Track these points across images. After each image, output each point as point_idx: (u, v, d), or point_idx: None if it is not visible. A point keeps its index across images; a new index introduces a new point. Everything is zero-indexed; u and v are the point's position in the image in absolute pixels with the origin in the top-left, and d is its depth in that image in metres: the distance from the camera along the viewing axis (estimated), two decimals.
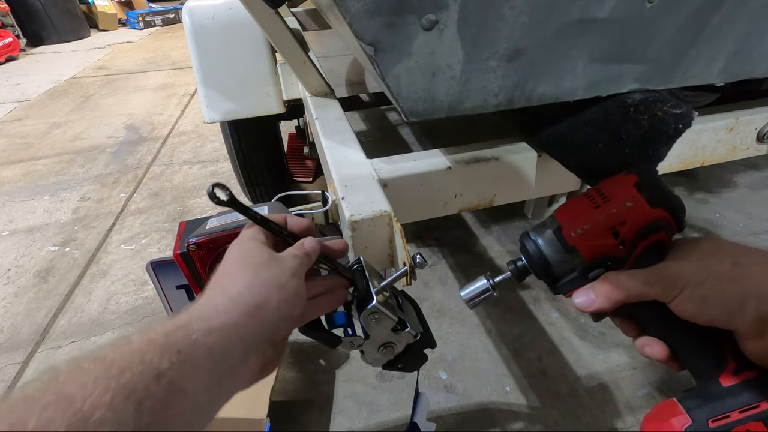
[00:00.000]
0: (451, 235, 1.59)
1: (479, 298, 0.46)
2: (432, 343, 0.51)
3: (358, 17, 0.51)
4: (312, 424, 1.02)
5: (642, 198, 0.39)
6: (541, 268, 0.43)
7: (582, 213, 0.41)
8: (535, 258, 0.43)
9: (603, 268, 0.40)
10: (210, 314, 0.32)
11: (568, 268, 0.42)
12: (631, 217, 0.38)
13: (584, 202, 0.41)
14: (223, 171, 2.13)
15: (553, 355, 1.14)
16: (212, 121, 1.23)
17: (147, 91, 3.39)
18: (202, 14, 1.11)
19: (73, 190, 2.08)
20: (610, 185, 0.41)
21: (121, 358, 0.26)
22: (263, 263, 0.38)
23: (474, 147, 0.83)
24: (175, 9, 5.99)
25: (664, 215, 0.38)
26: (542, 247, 0.42)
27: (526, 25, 0.56)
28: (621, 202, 0.39)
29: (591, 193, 0.42)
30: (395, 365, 0.51)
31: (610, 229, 0.39)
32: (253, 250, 0.39)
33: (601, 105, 0.71)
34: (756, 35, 0.68)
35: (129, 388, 0.25)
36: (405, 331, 0.47)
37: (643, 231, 0.38)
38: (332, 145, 0.83)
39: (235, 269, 0.38)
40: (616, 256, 0.39)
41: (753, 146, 0.92)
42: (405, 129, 2.23)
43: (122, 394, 0.25)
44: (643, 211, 0.38)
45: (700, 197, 1.72)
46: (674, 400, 0.36)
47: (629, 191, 0.39)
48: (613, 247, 0.39)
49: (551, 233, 0.42)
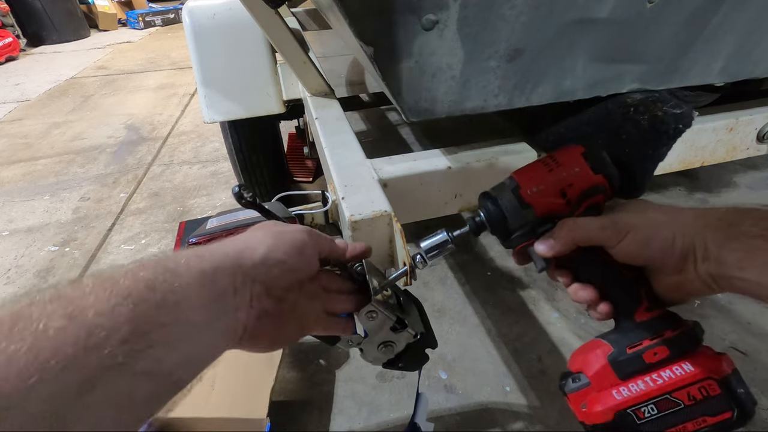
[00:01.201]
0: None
1: (438, 249, 0.50)
2: (433, 343, 0.51)
3: (358, 17, 0.51)
4: (312, 424, 1.02)
5: (587, 165, 0.46)
6: (498, 222, 0.48)
7: (537, 175, 0.47)
8: (493, 213, 0.48)
9: (551, 224, 0.46)
10: (204, 247, 0.34)
11: (522, 223, 0.47)
12: (577, 181, 0.45)
13: (539, 166, 0.48)
14: (223, 171, 2.13)
15: (553, 355, 1.14)
16: (212, 121, 1.24)
17: (147, 91, 3.39)
18: (202, 14, 1.11)
19: (73, 190, 2.08)
20: (562, 154, 0.48)
21: (117, 273, 0.27)
22: (272, 225, 0.41)
23: (474, 147, 0.83)
24: (175, 9, 5.99)
25: (603, 181, 0.45)
26: (501, 203, 0.48)
27: (526, 25, 0.56)
28: (570, 167, 0.46)
29: (546, 159, 0.48)
30: (395, 364, 0.51)
31: (559, 190, 0.46)
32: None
33: (601, 105, 0.71)
34: (756, 35, 0.68)
35: (125, 292, 0.26)
36: (404, 330, 0.47)
37: (586, 193, 0.45)
38: (332, 145, 0.83)
39: None
40: (562, 214, 0.46)
41: (753, 146, 0.92)
42: (405, 129, 2.23)
43: (119, 294, 0.26)
44: (587, 176, 0.45)
45: (700, 197, 1.71)
46: (597, 338, 0.44)
47: (577, 159, 0.46)
48: (561, 206, 0.46)
49: (510, 191, 0.48)
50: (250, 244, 0.36)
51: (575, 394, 0.42)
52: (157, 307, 0.27)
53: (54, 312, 0.23)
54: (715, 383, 0.38)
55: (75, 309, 0.24)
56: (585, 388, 0.42)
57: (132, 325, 0.25)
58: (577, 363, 0.44)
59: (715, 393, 0.37)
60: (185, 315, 0.28)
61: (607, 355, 0.41)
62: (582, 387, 0.42)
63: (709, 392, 0.37)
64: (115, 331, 0.24)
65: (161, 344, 0.26)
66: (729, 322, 1.19)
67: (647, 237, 0.41)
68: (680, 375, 0.39)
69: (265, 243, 0.37)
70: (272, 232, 0.39)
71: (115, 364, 0.24)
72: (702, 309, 1.23)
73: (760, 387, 1.03)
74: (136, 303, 0.26)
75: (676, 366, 0.39)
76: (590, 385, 0.41)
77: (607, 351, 0.41)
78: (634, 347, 0.41)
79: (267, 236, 0.38)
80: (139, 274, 0.27)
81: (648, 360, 0.40)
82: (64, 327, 0.23)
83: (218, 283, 0.32)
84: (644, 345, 0.40)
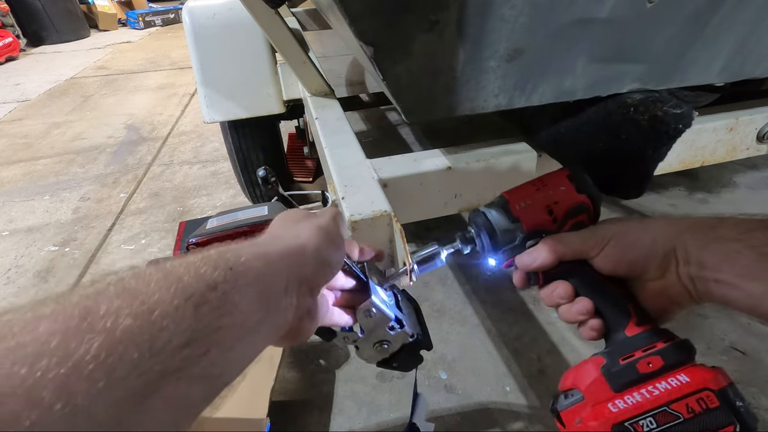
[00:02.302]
0: (451, 235, 1.59)
1: (428, 263, 0.52)
2: (428, 345, 0.51)
3: (358, 17, 0.51)
4: (312, 424, 1.02)
5: (572, 185, 0.49)
6: (487, 235, 0.50)
7: (526, 193, 0.50)
8: (483, 226, 0.51)
9: (538, 239, 0.48)
10: (256, 243, 0.34)
11: (511, 238, 0.50)
12: (562, 199, 0.48)
13: (528, 186, 0.51)
14: (223, 171, 2.13)
15: (553, 355, 1.14)
16: (212, 121, 1.24)
17: (147, 91, 3.39)
18: (202, 14, 1.11)
19: (73, 190, 2.08)
20: (549, 176, 0.51)
21: (179, 267, 0.27)
22: (303, 216, 0.41)
23: (474, 147, 0.83)
24: (175, 9, 5.99)
25: (587, 201, 0.48)
26: (490, 216, 0.50)
27: (526, 25, 0.56)
28: (556, 186, 0.49)
29: (534, 181, 0.51)
30: (390, 363, 0.51)
31: (546, 207, 0.48)
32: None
33: (601, 105, 0.71)
34: (756, 35, 0.68)
35: (188, 291, 0.25)
36: (401, 330, 0.47)
37: (571, 211, 0.48)
38: (332, 145, 0.83)
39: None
40: (549, 230, 0.49)
41: (753, 146, 0.92)
42: (405, 129, 2.23)
43: (182, 295, 0.25)
44: (572, 195, 0.48)
45: (700, 197, 1.71)
46: (591, 356, 0.44)
47: (563, 179, 0.49)
48: (548, 222, 0.49)
49: (499, 207, 0.50)
50: (302, 241, 0.37)
51: (568, 411, 0.41)
52: (217, 310, 0.26)
53: (121, 309, 0.23)
54: (713, 395, 0.36)
55: (139, 306, 0.23)
56: (579, 404, 0.40)
57: (193, 329, 0.25)
58: (569, 380, 0.43)
59: (713, 405, 0.36)
60: (242, 318, 0.28)
61: (600, 367, 0.40)
62: (576, 402, 0.40)
63: (708, 404, 0.36)
64: (177, 336, 0.24)
65: (217, 348, 0.26)
66: (729, 322, 1.19)
67: (628, 242, 0.43)
68: (676, 386, 0.37)
69: (312, 241, 0.37)
70: (316, 229, 0.39)
71: (175, 369, 0.23)
72: (702, 309, 1.23)
73: (760, 387, 1.03)
74: (197, 305, 0.25)
75: (671, 377, 0.38)
76: (584, 400, 0.40)
77: (600, 363, 0.41)
78: (627, 358, 0.40)
79: (312, 233, 0.38)
80: (201, 270, 0.27)
81: (642, 370, 0.39)
82: (130, 327, 0.22)
83: (274, 286, 0.32)
84: (637, 356, 0.40)
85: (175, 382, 0.23)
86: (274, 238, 0.37)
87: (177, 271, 0.26)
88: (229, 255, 0.30)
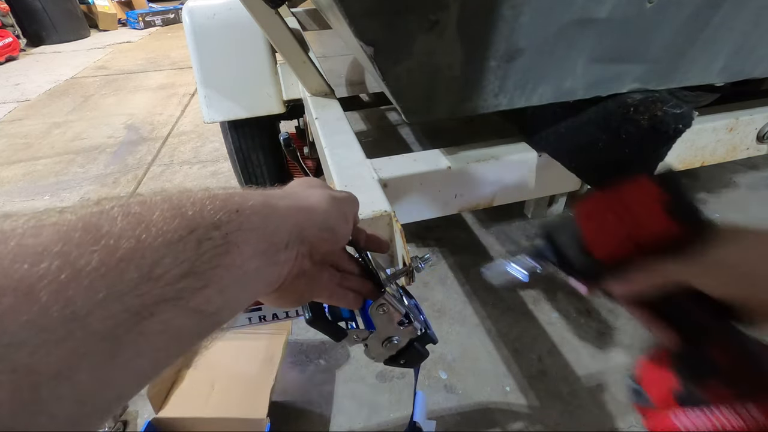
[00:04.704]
0: (451, 235, 1.59)
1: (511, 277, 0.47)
2: (434, 339, 0.51)
3: (358, 17, 0.51)
4: (312, 424, 1.02)
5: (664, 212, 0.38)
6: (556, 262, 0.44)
7: (604, 225, 0.41)
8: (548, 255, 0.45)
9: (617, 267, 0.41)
10: (266, 194, 0.34)
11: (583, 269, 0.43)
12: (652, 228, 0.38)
13: (606, 213, 0.41)
14: (223, 171, 2.13)
15: (553, 355, 1.14)
16: (212, 121, 1.24)
17: (147, 91, 3.39)
18: (202, 14, 1.11)
19: (73, 190, 2.08)
20: (632, 195, 0.40)
21: (185, 201, 0.27)
22: (321, 184, 0.41)
23: (474, 147, 0.83)
24: (175, 9, 5.99)
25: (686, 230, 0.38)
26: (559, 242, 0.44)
27: (526, 25, 0.56)
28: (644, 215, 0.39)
29: (612, 201, 0.41)
30: (397, 360, 0.51)
31: (632, 242, 0.39)
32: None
33: (601, 105, 0.71)
34: (756, 35, 0.68)
35: (192, 225, 0.25)
36: (410, 325, 0.47)
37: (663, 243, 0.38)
38: (332, 145, 0.83)
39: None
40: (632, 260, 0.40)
41: (753, 146, 0.92)
42: (405, 129, 2.23)
43: (187, 226, 0.25)
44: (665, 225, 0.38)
45: (700, 197, 1.72)
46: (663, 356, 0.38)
47: (654, 206, 0.38)
48: (631, 254, 0.39)
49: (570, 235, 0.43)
50: (312, 203, 0.37)
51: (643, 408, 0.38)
52: (218, 248, 0.26)
53: (124, 231, 0.23)
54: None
55: (143, 231, 0.23)
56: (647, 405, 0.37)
57: (193, 262, 0.25)
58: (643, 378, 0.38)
59: None
60: (241, 261, 0.28)
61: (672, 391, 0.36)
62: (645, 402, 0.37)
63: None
64: (177, 266, 0.24)
65: (214, 285, 0.26)
66: None
67: (752, 275, 0.34)
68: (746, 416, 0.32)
69: (322, 206, 0.37)
70: (328, 196, 0.39)
71: (172, 297, 0.24)
72: None
73: None
74: (200, 240, 0.25)
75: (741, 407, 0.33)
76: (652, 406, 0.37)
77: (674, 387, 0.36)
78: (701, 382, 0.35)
79: (323, 199, 0.38)
80: (207, 207, 0.27)
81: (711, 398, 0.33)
82: (132, 249, 0.22)
83: (277, 236, 0.32)
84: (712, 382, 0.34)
85: (171, 309, 0.23)
86: (285, 194, 0.37)
87: (183, 204, 0.26)
88: (237, 198, 0.30)
